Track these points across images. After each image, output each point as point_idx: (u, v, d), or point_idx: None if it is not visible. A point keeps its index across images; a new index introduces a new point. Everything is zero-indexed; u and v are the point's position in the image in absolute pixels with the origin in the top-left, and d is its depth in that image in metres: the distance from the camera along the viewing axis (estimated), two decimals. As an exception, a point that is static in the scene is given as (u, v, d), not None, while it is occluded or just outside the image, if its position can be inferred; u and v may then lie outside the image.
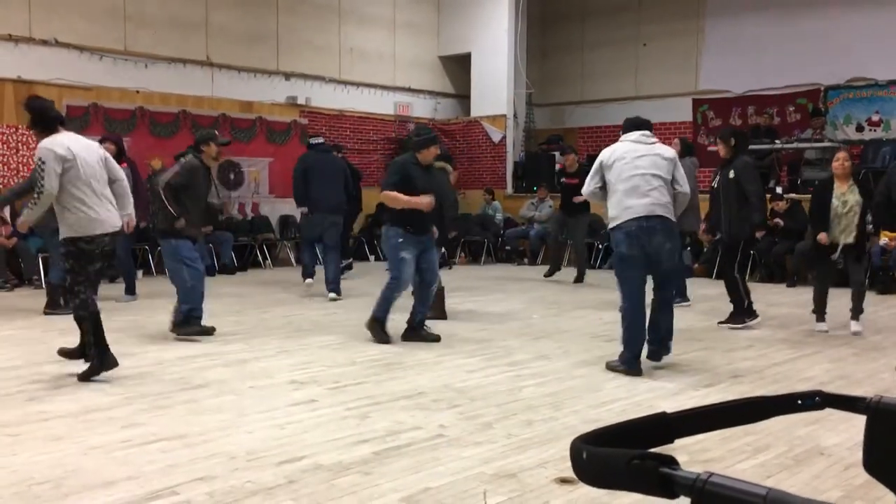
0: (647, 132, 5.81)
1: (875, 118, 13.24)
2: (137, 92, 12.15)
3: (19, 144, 11.09)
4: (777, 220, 11.16)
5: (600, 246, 13.09)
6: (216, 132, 7.27)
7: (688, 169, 9.05)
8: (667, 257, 5.59)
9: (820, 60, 13.41)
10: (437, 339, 6.77)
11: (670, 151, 5.80)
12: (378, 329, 6.73)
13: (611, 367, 5.71)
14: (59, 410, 4.60)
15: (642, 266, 5.57)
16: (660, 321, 5.80)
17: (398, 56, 15.74)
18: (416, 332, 6.82)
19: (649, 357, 5.78)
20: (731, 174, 7.42)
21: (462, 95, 16.45)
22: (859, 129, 13.38)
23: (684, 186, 5.74)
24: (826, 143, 12.42)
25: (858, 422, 1.28)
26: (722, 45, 14.55)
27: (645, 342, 5.71)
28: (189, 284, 6.74)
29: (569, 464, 1.04)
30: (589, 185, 5.80)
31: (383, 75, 15.50)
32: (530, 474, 3.59)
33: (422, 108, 16.15)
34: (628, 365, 5.60)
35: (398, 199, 6.55)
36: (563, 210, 11.38)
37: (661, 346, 5.83)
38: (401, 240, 6.59)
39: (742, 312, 7.51)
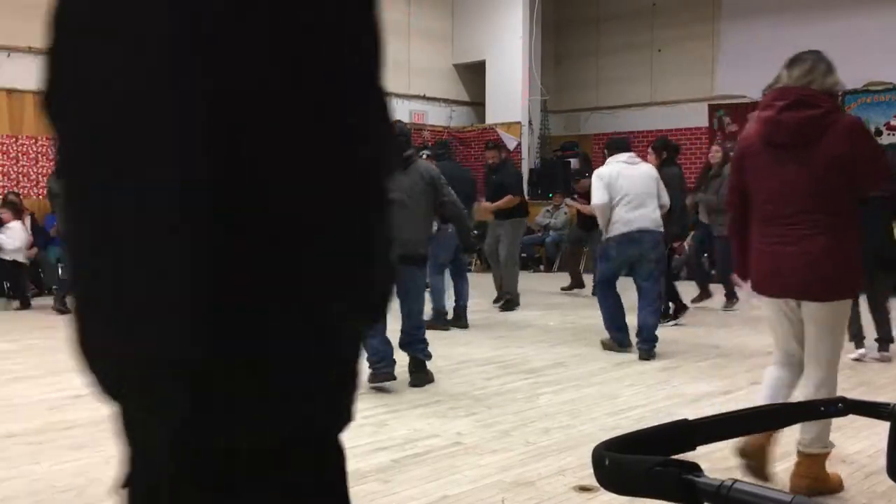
0: (632, 153, 6.73)
1: (894, 122, 13.14)
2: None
3: (38, 155, 11.20)
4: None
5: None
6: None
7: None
8: (646, 265, 6.48)
9: (837, 64, 13.23)
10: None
11: (654, 171, 6.79)
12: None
13: (605, 345, 6.67)
14: (81, 419, 4.63)
15: (619, 265, 6.59)
16: (643, 322, 6.47)
17: (412, 64, 15.77)
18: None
19: (640, 357, 6.37)
20: None
21: (477, 103, 16.46)
22: (878, 133, 13.25)
23: (666, 199, 6.67)
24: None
25: (881, 428, 1.28)
26: (738, 50, 14.47)
27: (624, 319, 6.61)
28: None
29: (588, 471, 1.05)
30: (603, 198, 6.44)
31: (398, 83, 15.52)
32: (549, 482, 3.58)
33: (436, 116, 16.17)
34: (615, 341, 6.60)
35: None
36: (583, 224, 10.58)
37: (643, 343, 6.42)
38: None
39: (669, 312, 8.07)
